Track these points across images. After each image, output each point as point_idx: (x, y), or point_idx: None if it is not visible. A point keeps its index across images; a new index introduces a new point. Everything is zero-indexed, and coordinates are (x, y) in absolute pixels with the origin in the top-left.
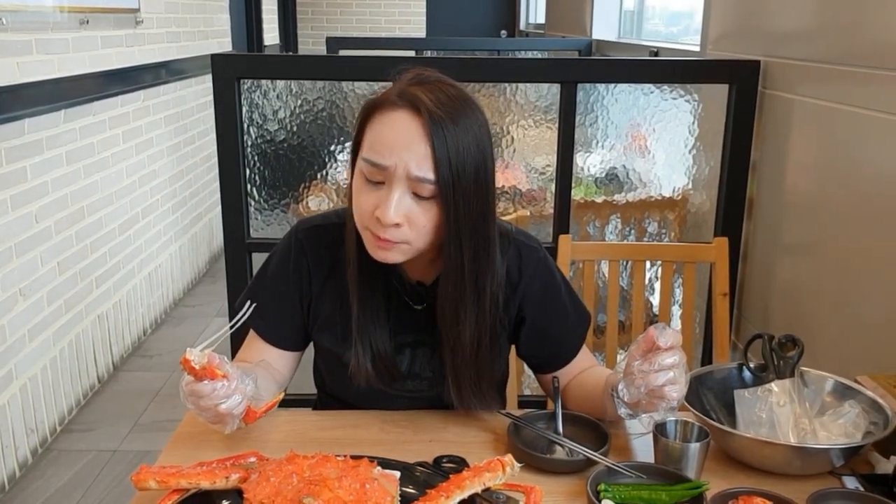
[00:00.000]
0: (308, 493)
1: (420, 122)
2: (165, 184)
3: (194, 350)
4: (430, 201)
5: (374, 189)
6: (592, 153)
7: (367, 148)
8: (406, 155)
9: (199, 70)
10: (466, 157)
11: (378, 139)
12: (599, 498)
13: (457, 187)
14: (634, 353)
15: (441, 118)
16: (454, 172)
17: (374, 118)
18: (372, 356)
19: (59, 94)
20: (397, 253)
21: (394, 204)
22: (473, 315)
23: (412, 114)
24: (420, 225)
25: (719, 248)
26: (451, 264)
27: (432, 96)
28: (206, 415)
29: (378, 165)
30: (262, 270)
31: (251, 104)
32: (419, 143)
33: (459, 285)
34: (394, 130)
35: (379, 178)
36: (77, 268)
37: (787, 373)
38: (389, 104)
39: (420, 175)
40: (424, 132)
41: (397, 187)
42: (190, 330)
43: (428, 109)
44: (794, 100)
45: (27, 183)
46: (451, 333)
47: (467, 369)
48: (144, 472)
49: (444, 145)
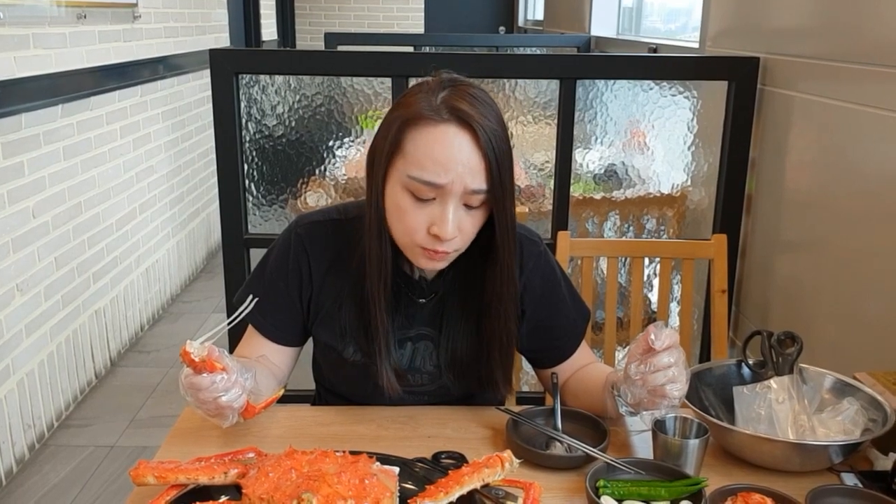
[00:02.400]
0: (307, 488)
1: (470, 136)
2: (163, 179)
3: (194, 342)
4: (479, 209)
5: (423, 206)
6: (591, 150)
7: (416, 166)
8: (462, 170)
9: (196, 65)
10: (506, 157)
11: (428, 157)
12: (598, 494)
13: (504, 190)
14: (634, 353)
15: (488, 127)
16: (502, 177)
17: (415, 133)
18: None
19: (56, 89)
20: (447, 260)
21: (451, 219)
22: (512, 307)
23: (459, 127)
24: (469, 232)
25: (718, 245)
26: (503, 263)
27: (471, 105)
28: (205, 408)
29: (433, 184)
30: (260, 266)
31: (249, 99)
32: (473, 156)
33: (510, 283)
34: (445, 147)
35: (431, 195)
36: (74, 263)
37: (785, 370)
38: (430, 119)
39: (476, 188)
40: (476, 145)
41: (452, 202)
42: (188, 325)
43: (477, 122)
44: (794, 97)
45: (24, 178)
46: (501, 327)
47: (511, 358)
48: (142, 467)
49: (494, 153)
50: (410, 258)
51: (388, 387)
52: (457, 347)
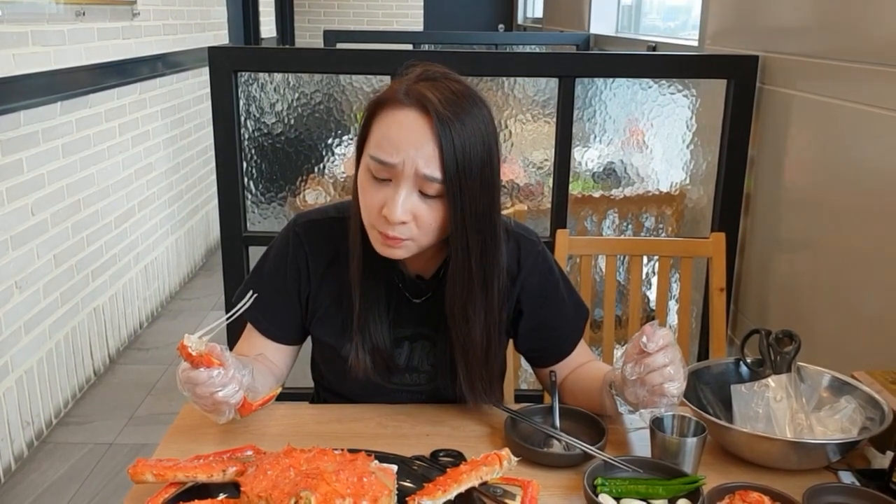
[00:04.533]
0: (305, 486)
1: (428, 122)
2: (162, 177)
3: (192, 337)
4: (436, 200)
5: (380, 187)
6: (590, 148)
7: (374, 145)
8: (414, 153)
9: (195, 63)
10: (473, 155)
11: (385, 137)
12: (596, 492)
13: (463, 186)
14: (630, 353)
15: (448, 118)
16: (461, 172)
17: (381, 115)
18: (371, 349)
19: (55, 86)
20: (403, 250)
21: (400, 202)
22: (482, 313)
23: (419, 112)
24: (426, 223)
25: (716, 244)
26: (458, 263)
27: (439, 95)
28: (202, 402)
29: (385, 163)
30: (259, 264)
31: (248, 97)
32: (427, 142)
33: (467, 284)
34: (401, 129)
35: (385, 175)
36: (73, 260)
37: (783, 368)
38: (396, 102)
39: (427, 174)
40: (432, 132)
41: (404, 185)
42: (186, 323)
43: (435, 109)
44: (793, 95)
45: (23, 175)
46: (462, 332)
47: (479, 367)
48: (141, 465)
49: (452, 144)
50: (373, 243)
51: (355, 363)
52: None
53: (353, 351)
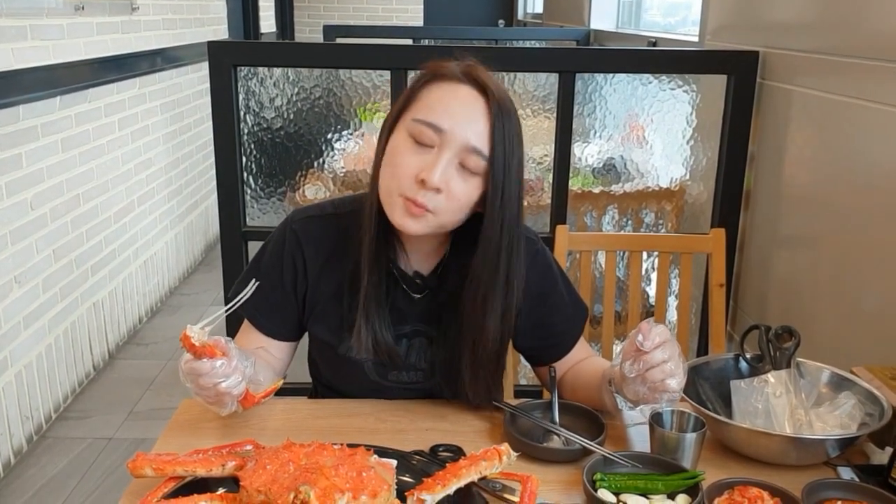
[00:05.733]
0: (304, 481)
1: (485, 102)
2: (161, 172)
3: (194, 327)
4: (474, 177)
5: (420, 151)
6: (590, 143)
7: (425, 109)
8: (465, 125)
9: (195, 57)
10: (515, 149)
11: (440, 102)
12: (595, 487)
13: (506, 172)
14: (627, 351)
15: (504, 106)
16: (507, 157)
17: (435, 85)
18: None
19: (54, 81)
20: (422, 223)
21: (442, 166)
22: (500, 308)
23: (479, 92)
24: (456, 196)
25: (716, 239)
26: (490, 247)
27: (495, 86)
28: (205, 394)
29: (435, 126)
30: (255, 260)
31: (248, 92)
32: (481, 118)
33: (493, 275)
34: (457, 100)
35: (430, 140)
36: (72, 255)
37: (783, 364)
38: (454, 77)
39: (477, 146)
40: (488, 111)
41: (447, 152)
42: (186, 318)
43: (495, 94)
44: (793, 91)
45: (22, 170)
46: (476, 325)
47: (487, 363)
48: (140, 459)
49: (503, 130)
50: (389, 212)
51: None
52: (449, 348)
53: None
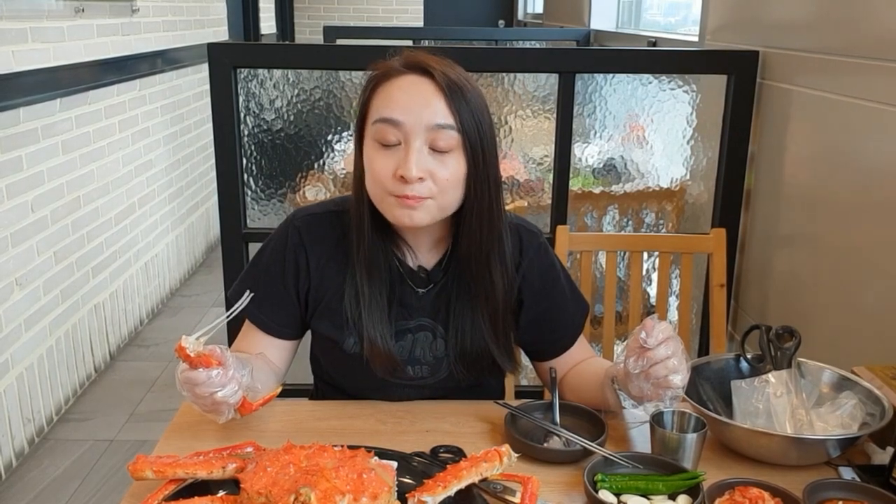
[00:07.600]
0: (305, 483)
1: (433, 83)
2: (162, 173)
3: (189, 338)
4: (448, 155)
5: (390, 152)
6: (590, 144)
7: (380, 109)
8: (420, 110)
9: (195, 59)
10: (483, 114)
11: (390, 99)
12: (596, 488)
13: (480, 134)
14: (632, 348)
15: (453, 81)
16: (476, 121)
17: (381, 87)
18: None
19: (54, 83)
20: (425, 212)
21: (414, 158)
22: (498, 263)
23: (423, 76)
24: (442, 178)
25: (717, 239)
26: (481, 208)
27: (439, 65)
28: (201, 403)
29: (393, 121)
30: (256, 259)
31: (248, 93)
32: (434, 98)
33: (488, 232)
34: (406, 92)
35: (394, 138)
36: (73, 257)
37: (784, 364)
38: (396, 71)
39: (440, 122)
40: (439, 90)
41: (415, 142)
42: (186, 320)
43: (440, 73)
44: (793, 90)
45: (23, 172)
46: (486, 283)
47: (502, 321)
48: (141, 461)
49: (461, 98)
50: (386, 214)
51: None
52: (465, 339)
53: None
